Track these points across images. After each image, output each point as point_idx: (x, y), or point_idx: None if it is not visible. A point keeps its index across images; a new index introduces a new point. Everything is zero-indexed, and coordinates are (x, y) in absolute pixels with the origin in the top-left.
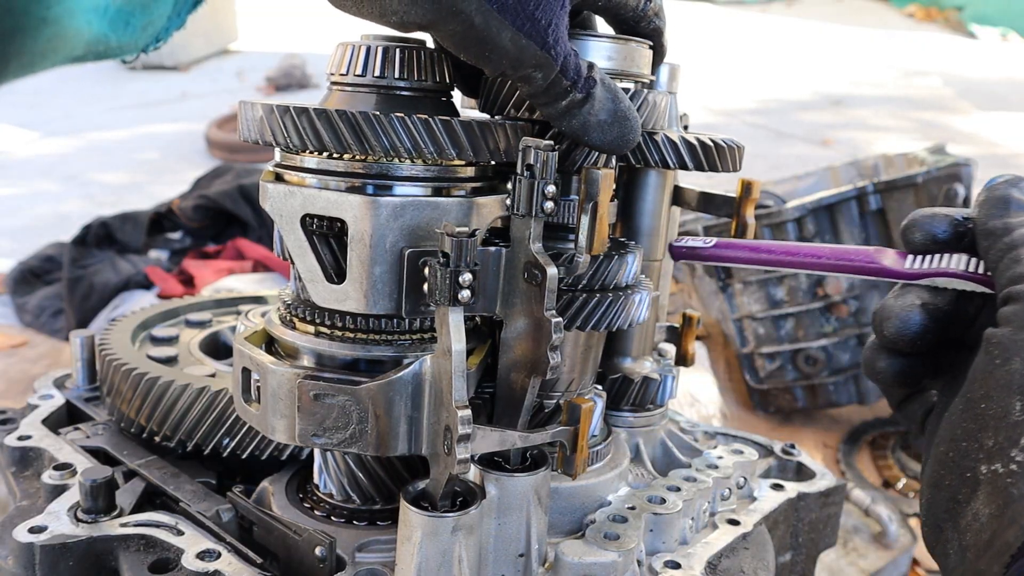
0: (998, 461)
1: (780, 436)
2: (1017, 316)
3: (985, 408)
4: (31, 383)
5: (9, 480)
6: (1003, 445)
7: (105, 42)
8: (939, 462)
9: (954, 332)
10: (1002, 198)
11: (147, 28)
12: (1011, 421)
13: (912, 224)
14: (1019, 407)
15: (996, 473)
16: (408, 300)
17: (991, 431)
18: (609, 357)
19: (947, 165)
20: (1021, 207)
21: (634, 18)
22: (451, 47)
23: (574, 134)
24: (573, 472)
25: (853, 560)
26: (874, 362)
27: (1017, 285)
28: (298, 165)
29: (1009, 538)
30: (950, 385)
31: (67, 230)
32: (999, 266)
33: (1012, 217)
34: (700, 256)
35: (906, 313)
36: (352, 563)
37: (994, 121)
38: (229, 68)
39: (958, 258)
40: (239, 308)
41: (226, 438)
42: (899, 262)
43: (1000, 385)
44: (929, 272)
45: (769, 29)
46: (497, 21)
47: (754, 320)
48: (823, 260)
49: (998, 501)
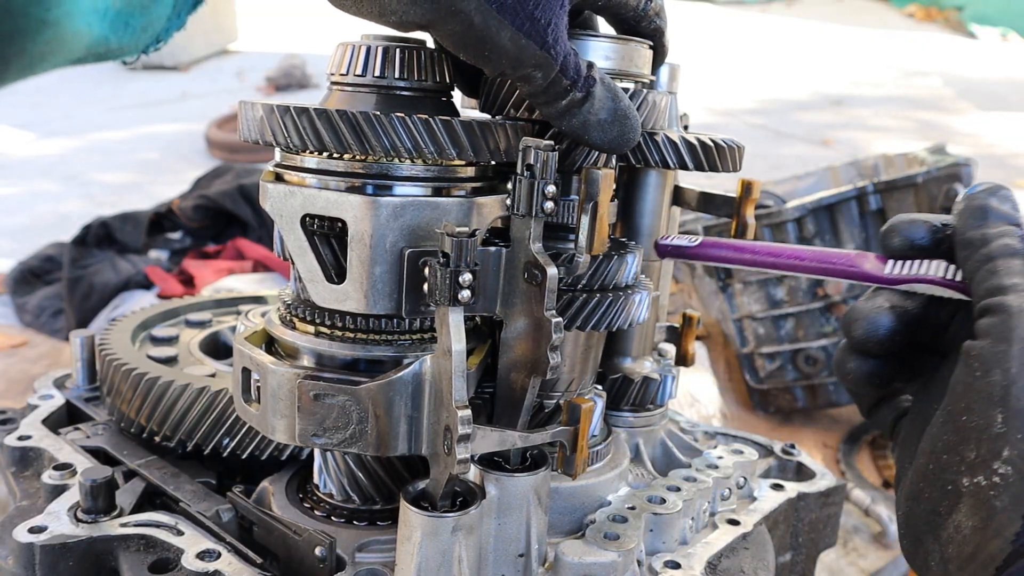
0: (980, 473)
1: (780, 436)
2: (995, 328)
3: (966, 421)
4: (31, 383)
5: (9, 480)
6: (985, 457)
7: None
8: (919, 475)
9: (925, 336)
10: (980, 208)
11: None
12: (993, 433)
13: (891, 229)
14: (1000, 419)
15: (979, 485)
16: (408, 300)
17: (973, 444)
18: (609, 357)
19: (947, 165)
20: (999, 217)
21: (635, 18)
22: (450, 46)
23: (574, 133)
24: (573, 472)
25: (853, 560)
26: (844, 363)
27: (994, 297)
28: (298, 165)
29: (993, 550)
30: (924, 390)
31: (67, 230)
32: (976, 277)
33: (990, 227)
34: (685, 254)
35: (875, 315)
36: (352, 563)
37: (994, 121)
38: (229, 68)
39: (937, 264)
40: (239, 308)
41: (226, 438)
42: (879, 267)
43: (981, 397)
44: (908, 278)
45: (769, 29)
46: (496, 21)
47: (754, 320)
48: (805, 263)
49: (981, 513)
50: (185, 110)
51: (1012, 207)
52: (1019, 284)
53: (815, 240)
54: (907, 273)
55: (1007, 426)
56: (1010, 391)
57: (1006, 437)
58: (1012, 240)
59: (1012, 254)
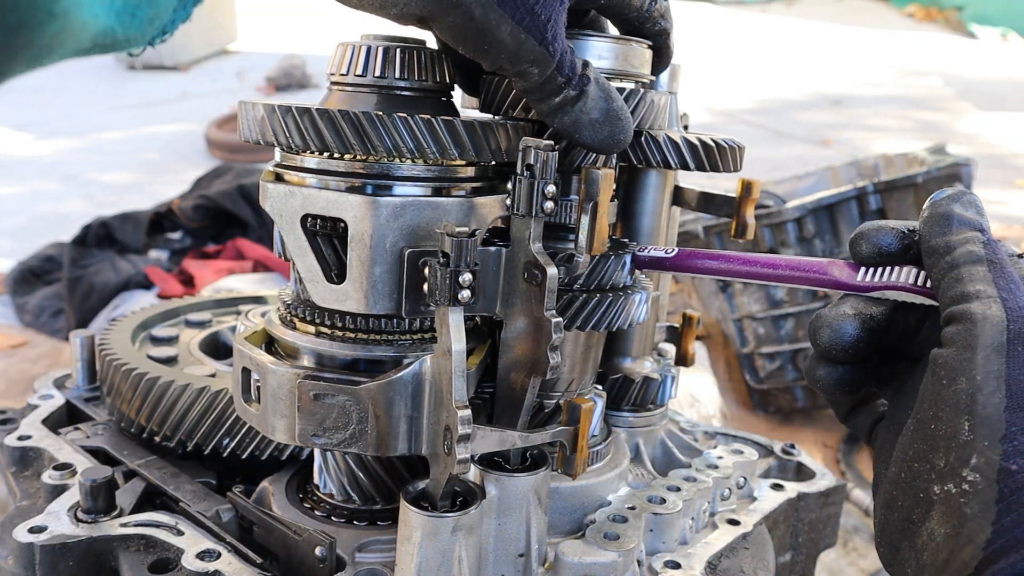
0: (950, 481)
1: (780, 436)
2: (959, 336)
3: (935, 429)
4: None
5: (9, 480)
6: (954, 465)
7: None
8: (892, 483)
9: (894, 342)
10: (944, 215)
11: (153, 21)
12: (960, 441)
13: (859, 236)
14: (967, 427)
15: (949, 493)
16: (408, 300)
17: (942, 452)
18: (609, 357)
19: (947, 165)
20: (963, 223)
21: (639, 19)
22: (450, 40)
23: (565, 131)
24: (573, 472)
25: (853, 560)
26: (814, 371)
27: (958, 305)
28: (298, 165)
29: (966, 557)
30: (897, 396)
31: (67, 230)
32: (941, 285)
33: (954, 234)
34: (663, 266)
35: (839, 323)
36: (352, 563)
37: (994, 121)
38: (229, 68)
39: (907, 271)
40: (239, 308)
41: (226, 438)
42: (851, 274)
43: (948, 406)
44: (879, 285)
45: (769, 29)
46: (497, 14)
47: (754, 320)
48: (778, 271)
49: (953, 521)
50: (185, 110)
51: (976, 212)
52: (983, 291)
53: (815, 240)
54: (878, 280)
55: (974, 433)
56: (976, 399)
57: (973, 444)
58: (975, 247)
59: (976, 261)
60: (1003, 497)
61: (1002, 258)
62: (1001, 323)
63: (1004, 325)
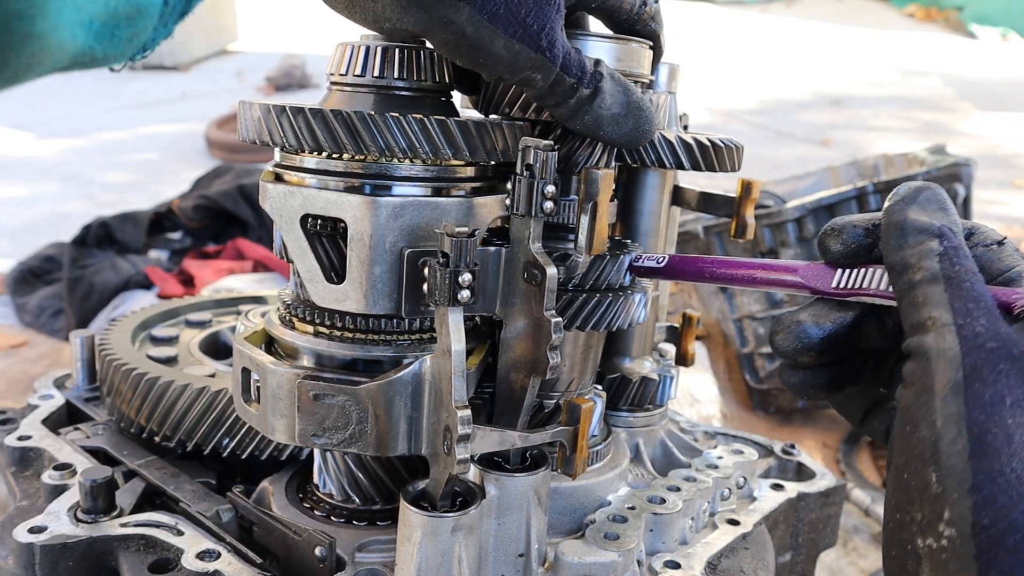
0: (931, 535)
1: (780, 436)
2: (917, 376)
3: (908, 479)
4: (31, 383)
5: (9, 480)
6: (931, 519)
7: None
8: (885, 532)
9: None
10: (898, 224)
11: (132, 40)
12: (931, 494)
13: (827, 234)
14: (935, 479)
15: (931, 548)
16: (408, 300)
17: (918, 504)
18: (609, 357)
19: (947, 165)
20: (920, 231)
21: (629, 20)
22: (444, 54)
23: (588, 131)
24: (573, 472)
25: (853, 560)
26: (788, 377)
27: (914, 337)
28: (298, 165)
29: None
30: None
31: (67, 230)
32: (902, 307)
33: (909, 248)
34: (657, 274)
35: (794, 328)
36: (352, 563)
37: (994, 121)
38: (229, 68)
39: (881, 274)
40: (239, 308)
41: (226, 438)
42: (826, 278)
43: (915, 455)
44: (853, 291)
45: (769, 29)
46: (489, 30)
47: (754, 320)
48: (756, 275)
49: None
50: (185, 110)
51: (938, 207)
52: (937, 318)
53: (815, 240)
54: (853, 284)
55: (942, 485)
56: (939, 447)
57: (944, 498)
58: (931, 262)
59: (932, 280)
60: (981, 552)
61: (960, 271)
62: (956, 358)
63: (959, 360)
